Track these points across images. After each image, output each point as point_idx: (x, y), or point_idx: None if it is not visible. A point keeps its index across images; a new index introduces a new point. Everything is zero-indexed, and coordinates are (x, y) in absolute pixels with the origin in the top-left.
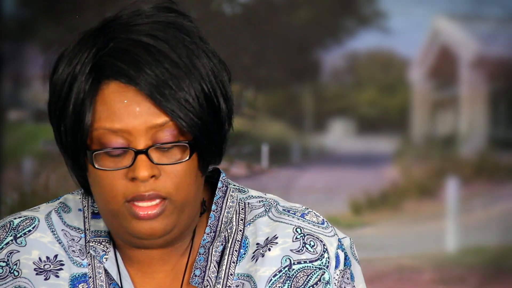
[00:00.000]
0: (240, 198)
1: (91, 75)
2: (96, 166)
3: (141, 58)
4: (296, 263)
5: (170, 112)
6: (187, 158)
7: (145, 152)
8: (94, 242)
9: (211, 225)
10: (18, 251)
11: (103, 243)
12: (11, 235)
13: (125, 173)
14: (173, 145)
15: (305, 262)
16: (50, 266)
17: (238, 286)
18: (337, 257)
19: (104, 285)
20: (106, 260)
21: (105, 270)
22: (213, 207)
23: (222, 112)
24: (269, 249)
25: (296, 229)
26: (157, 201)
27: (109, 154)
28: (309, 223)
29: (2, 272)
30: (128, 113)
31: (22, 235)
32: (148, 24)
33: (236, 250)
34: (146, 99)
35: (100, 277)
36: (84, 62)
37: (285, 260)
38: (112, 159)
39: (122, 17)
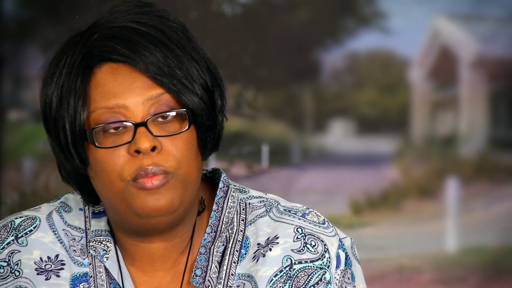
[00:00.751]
0: (241, 198)
1: (81, 65)
2: (97, 145)
3: (131, 38)
4: (297, 263)
5: (166, 84)
6: (186, 127)
7: (144, 124)
8: (94, 242)
9: (212, 225)
10: (19, 251)
11: (103, 242)
12: (12, 235)
13: (127, 149)
14: (172, 119)
15: (306, 262)
16: (51, 266)
17: (239, 286)
18: (338, 257)
19: (105, 284)
20: (107, 259)
21: (106, 269)
22: (214, 207)
23: (215, 95)
24: (270, 249)
25: (297, 229)
26: (162, 176)
27: (109, 134)
28: (310, 223)
29: (3, 272)
30: (123, 89)
31: (23, 235)
32: (131, 14)
33: (237, 250)
34: (140, 74)
35: (101, 276)
36: (72, 56)
37: (286, 260)
38: (112, 138)
39: (103, 17)
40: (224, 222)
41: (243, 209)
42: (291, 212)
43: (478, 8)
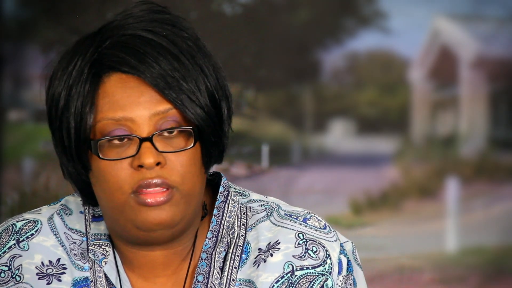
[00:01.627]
0: (241, 202)
1: (90, 71)
2: (101, 156)
3: (142, 49)
4: (298, 269)
5: (173, 100)
6: (192, 145)
7: (149, 139)
8: (93, 246)
9: (213, 230)
10: (21, 256)
11: (102, 247)
12: (13, 239)
13: (130, 162)
14: (177, 134)
15: (307, 268)
16: (52, 270)
17: None
18: (339, 262)
19: None
20: (105, 264)
21: (105, 274)
22: (215, 211)
23: (222, 108)
24: (271, 255)
25: (298, 234)
26: (165, 188)
27: (113, 145)
28: (311, 228)
29: (4, 276)
30: (130, 102)
31: (25, 238)
32: (144, 22)
33: (238, 256)
34: (148, 88)
35: (101, 281)
36: (83, 60)
37: (288, 266)
38: (116, 150)
39: (116, 20)
40: (225, 227)
41: (243, 213)
42: (292, 216)
43: (478, 8)
